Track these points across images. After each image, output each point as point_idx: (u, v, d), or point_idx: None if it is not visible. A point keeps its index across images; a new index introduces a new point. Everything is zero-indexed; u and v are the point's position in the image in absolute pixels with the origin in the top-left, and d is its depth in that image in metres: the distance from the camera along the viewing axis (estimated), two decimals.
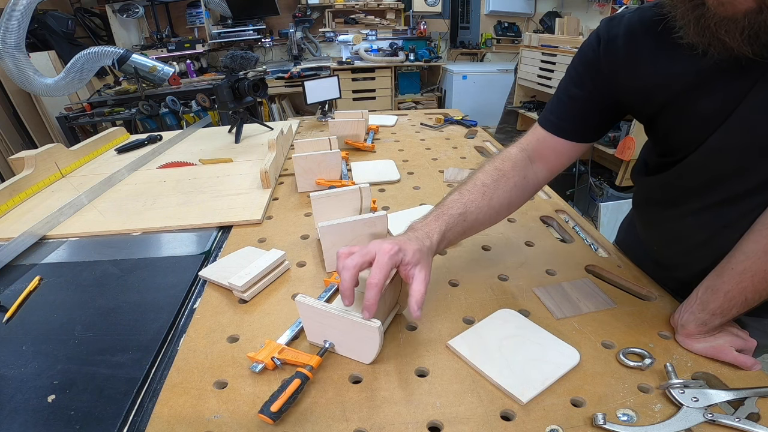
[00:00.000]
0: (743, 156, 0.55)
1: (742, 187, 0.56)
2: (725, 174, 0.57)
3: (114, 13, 3.71)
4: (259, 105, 3.71)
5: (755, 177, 0.55)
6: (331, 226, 0.74)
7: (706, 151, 0.57)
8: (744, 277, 0.55)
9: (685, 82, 0.56)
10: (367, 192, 0.86)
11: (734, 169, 0.56)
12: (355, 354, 0.60)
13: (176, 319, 0.70)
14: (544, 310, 0.68)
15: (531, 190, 0.75)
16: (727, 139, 0.54)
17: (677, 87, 0.57)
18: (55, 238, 0.97)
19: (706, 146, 0.56)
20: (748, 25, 0.44)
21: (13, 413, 0.54)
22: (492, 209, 0.69)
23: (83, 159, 1.46)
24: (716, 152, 0.56)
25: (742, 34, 0.45)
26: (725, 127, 0.54)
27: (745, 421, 0.47)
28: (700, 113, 0.56)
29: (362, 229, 0.76)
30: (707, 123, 0.56)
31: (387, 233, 0.79)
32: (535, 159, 0.74)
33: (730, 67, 0.51)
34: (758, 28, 0.44)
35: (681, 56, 0.54)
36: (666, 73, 0.57)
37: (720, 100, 0.54)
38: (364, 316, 0.55)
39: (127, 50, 2.11)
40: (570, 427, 0.49)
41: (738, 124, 0.53)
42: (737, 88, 0.52)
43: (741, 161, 0.55)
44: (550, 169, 0.74)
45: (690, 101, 0.57)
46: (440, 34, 4.59)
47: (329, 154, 1.11)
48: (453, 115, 1.77)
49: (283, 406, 0.50)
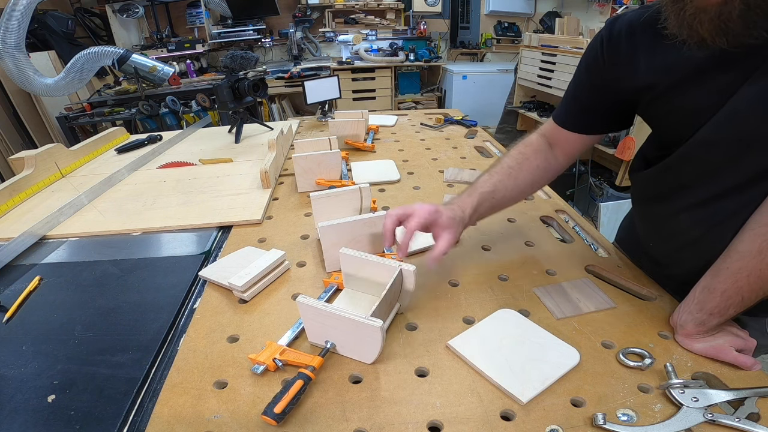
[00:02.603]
0: (732, 150, 0.55)
1: (732, 181, 0.57)
2: (715, 168, 0.58)
3: (114, 13, 3.71)
4: (259, 105, 3.71)
5: (745, 172, 0.55)
6: (331, 226, 0.74)
7: (696, 144, 0.58)
8: (740, 276, 0.55)
9: (677, 75, 0.57)
10: (367, 192, 0.86)
11: (724, 163, 0.57)
12: (356, 354, 0.60)
13: (176, 319, 0.70)
14: (544, 310, 0.68)
15: (552, 172, 0.81)
16: (717, 132, 0.56)
17: (669, 80, 0.58)
18: (55, 238, 0.97)
19: (697, 139, 0.58)
20: (716, 16, 0.46)
21: (13, 413, 0.54)
22: (518, 188, 0.78)
23: (83, 159, 1.46)
24: (706, 145, 0.57)
25: (711, 24, 0.47)
26: (715, 121, 0.55)
27: (745, 421, 0.47)
28: (691, 106, 0.58)
29: (362, 229, 0.76)
30: (698, 116, 0.57)
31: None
32: (553, 145, 0.80)
33: (722, 62, 0.52)
34: (726, 18, 0.46)
35: (674, 51, 0.55)
36: (660, 66, 0.59)
37: (711, 93, 0.55)
38: (398, 255, 0.68)
39: (127, 50, 2.11)
40: (570, 427, 0.49)
41: (728, 117, 0.54)
42: (728, 83, 0.53)
43: (730, 155, 0.56)
44: (567, 155, 0.80)
45: (681, 94, 0.58)
46: (440, 34, 4.59)
47: (329, 154, 1.11)
48: (453, 115, 1.77)
49: (286, 407, 0.50)
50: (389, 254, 0.78)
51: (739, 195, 0.57)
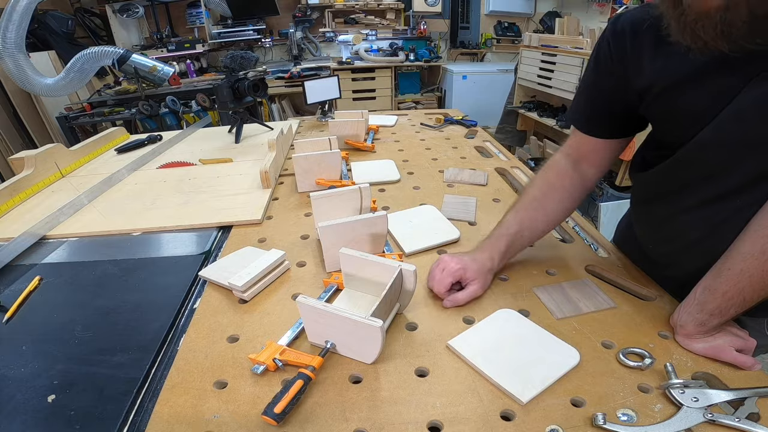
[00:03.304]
0: (733, 152, 0.56)
1: (732, 183, 0.57)
2: (716, 170, 0.58)
3: (114, 13, 3.71)
4: (259, 105, 3.71)
5: (745, 174, 0.56)
6: (330, 226, 0.74)
7: (697, 146, 0.58)
8: (742, 278, 0.55)
9: (678, 76, 0.58)
10: (367, 192, 0.86)
11: (724, 165, 0.57)
12: (356, 354, 0.60)
13: (176, 319, 0.70)
14: (544, 310, 0.68)
15: (582, 191, 0.78)
16: (718, 134, 0.56)
17: (670, 81, 0.59)
18: (55, 238, 0.97)
19: (698, 141, 0.58)
20: (720, 21, 0.46)
21: (13, 413, 0.54)
22: (547, 218, 0.77)
23: (83, 159, 1.46)
24: (707, 148, 0.58)
25: (715, 30, 0.47)
26: (716, 123, 0.55)
27: (745, 421, 0.47)
28: (693, 108, 0.58)
29: (362, 229, 0.76)
30: (699, 118, 0.57)
31: (387, 233, 0.79)
32: (580, 160, 0.77)
33: (724, 65, 0.53)
34: (730, 24, 0.46)
35: (676, 53, 0.55)
36: (661, 67, 0.59)
37: (713, 96, 0.55)
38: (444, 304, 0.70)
39: (127, 50, 2.11)
40: (570, 427, 0.49)
41: (729, 120, 0.54)
42: (729, 86, 0.53)
43: (731, 157, 0.56)
44: (597, 166, 0.77)
45: (681, 95, 0.59)
46: (440, 34, 4.59)
47: (329, 154, 1.11)
48: (453, 115, 1.77)
49: (286, 407, 0.50)
50: (389, 254, 0.78)
51: (740, 197, 0.57)
